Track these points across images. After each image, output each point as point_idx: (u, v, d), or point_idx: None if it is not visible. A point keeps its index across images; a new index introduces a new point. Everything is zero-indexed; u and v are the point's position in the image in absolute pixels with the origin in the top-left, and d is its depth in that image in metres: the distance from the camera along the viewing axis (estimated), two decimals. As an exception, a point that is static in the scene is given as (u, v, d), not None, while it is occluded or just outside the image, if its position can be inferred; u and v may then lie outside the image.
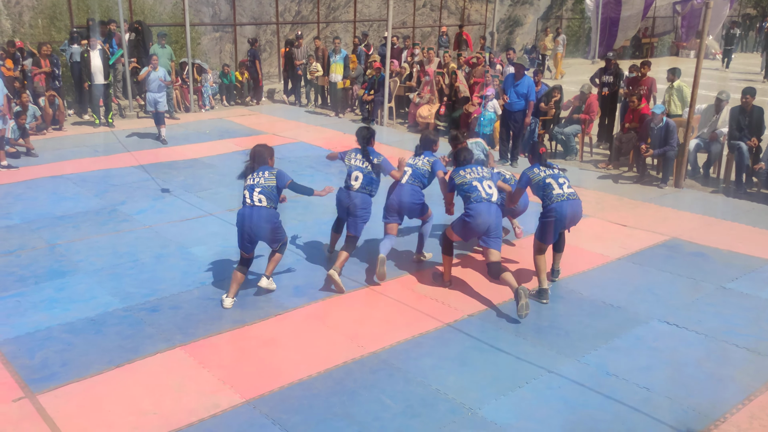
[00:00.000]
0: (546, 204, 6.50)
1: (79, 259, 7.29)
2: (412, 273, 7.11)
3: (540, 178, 6.55)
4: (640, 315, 6.21)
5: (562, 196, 6.43)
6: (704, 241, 8.03)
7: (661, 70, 12.19)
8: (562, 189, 6.49)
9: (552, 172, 6.60)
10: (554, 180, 6.52)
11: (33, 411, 4.68)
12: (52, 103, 13.65)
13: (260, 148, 6.60)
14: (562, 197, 6.43)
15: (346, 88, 16.31)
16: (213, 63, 25.09)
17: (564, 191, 6.48)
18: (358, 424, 4.58)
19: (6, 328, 5.79)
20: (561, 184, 6.53)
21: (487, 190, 6.43)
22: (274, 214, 6.35)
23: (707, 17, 9.85)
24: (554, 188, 6.47)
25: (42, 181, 10.20)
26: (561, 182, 6.54)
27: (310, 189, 6.59)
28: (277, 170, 6.46)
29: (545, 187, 6.51)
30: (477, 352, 5.53)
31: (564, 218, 6.45)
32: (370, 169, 6.81)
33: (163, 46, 14.88)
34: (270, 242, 6.40)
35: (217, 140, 13.17)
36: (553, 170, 6.64)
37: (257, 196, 6.32)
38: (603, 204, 9.37)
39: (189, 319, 6.00)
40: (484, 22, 26.51)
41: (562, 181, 6.56)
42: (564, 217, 6.44)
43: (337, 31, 26.31)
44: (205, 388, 4.97)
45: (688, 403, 4.88)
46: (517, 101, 11.21)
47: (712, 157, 10.68)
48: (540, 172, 6.59)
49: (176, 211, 8.93)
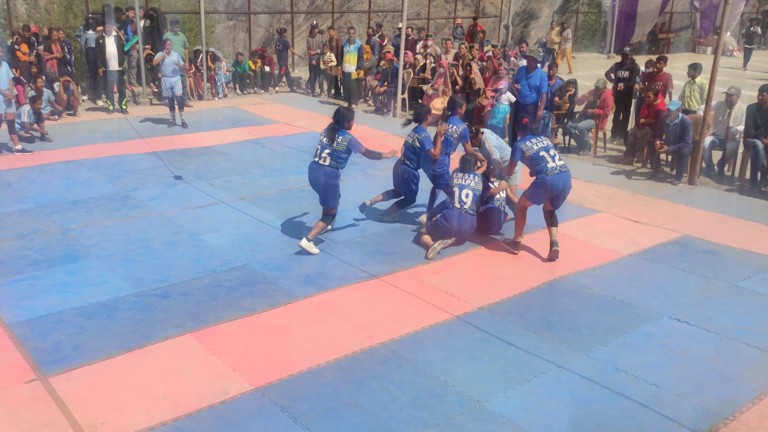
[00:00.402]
0: (540, 177, 6.89)
1: (92, 244, 7.34)
2: (422, 264, 7.11)
3: (533, 151, 6.93)
4: (650, 312, 6.18)
5: (555, 169, 6.87)
6: (717, 239, 7.97)
7: (678, 66, 12.11)
8: (554, 162, 6.88)
9: (543, 144, 6.97)
10: (546, 152, 6.88)
11: (44, 393, 4.72)
12: (67, 89, 13.71)
13: (343, 111, 7.21)
14: (555, 170, 6.86)
15: (360, 79, 16.28)
16: (226, 51, 25.08)
17: (557, 164, 6.89)
18: (366, 413, 4.60)
19: (19, 310, 5.84)
20: (553, 156, 6.91)
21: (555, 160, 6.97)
22: (332, 174, 7.10)
23: (726, 13, 9.75)
24: (548, 161, 6.85)
25: (56, 165, 10.26)
26: (552, 154, 6.92)
27: (379, 153, 7.41)
28: (350, 138, 7.15)
29: (539, 160, 6.88)
30: (486, 345, 5.53)
31: (557, 190, 6.89)
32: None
33: (176, 33, 14.88)
34: (321, 200, 7.19)
35: (230, 128, 13.19)
36: (543, 142, 7.00)
37: (324, 154, 7.13)
38: (616, 200, 9.32)
39: (200, 306, 6.03)
40: (499, 15, 26.36)
41: (553, 153, 6.94)
42: (557, 189, 6.89)
43: (352, 21, 26.23)
44: (214, 375, 5.00)
45: (697, 401, 4.86)
46: (530, 94, 11.18)
47: (727, 154, 10.59)
48: (532, 144, 6.96)
49: (188, 198, 8.96)
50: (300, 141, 12.27)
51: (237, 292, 6.32)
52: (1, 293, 6.15)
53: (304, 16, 27.62)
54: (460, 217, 7.39)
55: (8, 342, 5.35)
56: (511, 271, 7.01)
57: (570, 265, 7.16)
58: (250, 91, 17.44)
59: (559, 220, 7.42)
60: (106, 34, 13.72)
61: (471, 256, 7.39)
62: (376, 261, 7.11)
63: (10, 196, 8.81)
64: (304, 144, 12.04)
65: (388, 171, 10.28)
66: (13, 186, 9.22)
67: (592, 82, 12.77)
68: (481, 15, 26.62)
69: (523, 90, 11.23)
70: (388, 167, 10.53)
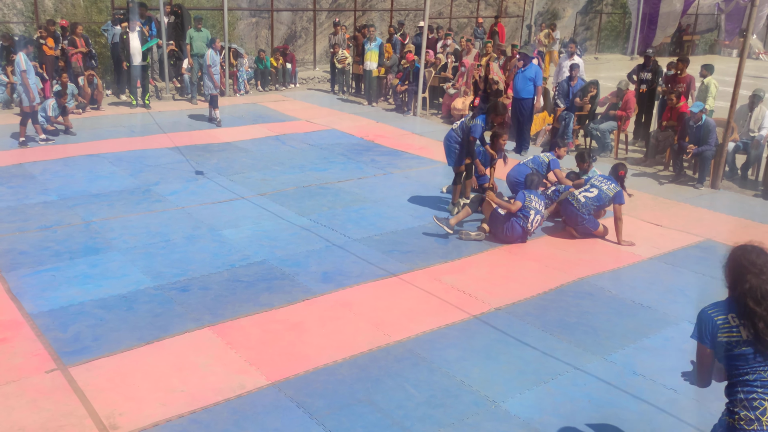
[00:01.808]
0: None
1: (113, 236, 7.42)
2: (440, 263, 7.10)
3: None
4: (670, 316, 6.13)
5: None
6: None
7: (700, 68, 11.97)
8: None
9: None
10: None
11: (64, 383, 4.79)
12: (91, 83, 13.87)
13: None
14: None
15: (381, 77, 16.27)
16: (249, 48, 25.22)
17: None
18: (381, 411, 4.61)
19: (41, 301, 5.93)
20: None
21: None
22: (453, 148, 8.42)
23: (752, 16, 9.63)
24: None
25: (79, 159, 10.38)
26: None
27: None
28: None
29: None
30: (503, 346, 5.51)
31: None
32: None
33: (199, 29, 15.00)
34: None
35: (251, 125, 13.26)
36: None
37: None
38: (637, 203, 9.24)
39: (218, 300, 6.07)
40: (522, 15, 26.23)
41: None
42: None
43: (373, 19, 26.26)
44: (231, 369, 5.04)
45: (715, 407, 4.78)
46: (524, 88, 11.21)
47: (751, 158, 10.46)
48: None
49: (209, 193, 9.03)
50: (320, 138, 12.30)
51: (255, 288, 6.36)
52: (24, 284, 6.25)
53: (327, 14, 27.68)
54: (523, 236, 7.68)
55: (30, 332, 5.43)
56: (529, 272, 6.98)
57: (589, 267, 7.11)
58: (271, 87, 17.52)
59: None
60: (130, 30, 13.85)
61: (489, 256, 7.37)
62: (394, 259, 7.11)
63: (34, 188, 8.93)
64: (324, 141, 12.08)
65: (406, 170, 10.29)
66: (36, 178, 9.35)
67: (614, 83, 12.68)
68: (504, 15, 26.51)
69: (517, 84, 11.25)
70: (407, 166, 10.54)
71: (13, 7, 22.38)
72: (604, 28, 29.34)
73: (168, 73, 15.61)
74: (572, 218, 7.85)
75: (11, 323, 5.56)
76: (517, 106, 11.52)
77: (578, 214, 7.74)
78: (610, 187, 7.77)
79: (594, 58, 25.19)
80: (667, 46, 25.91)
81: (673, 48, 26.31)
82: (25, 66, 10.62)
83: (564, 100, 12.15)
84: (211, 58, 13.11)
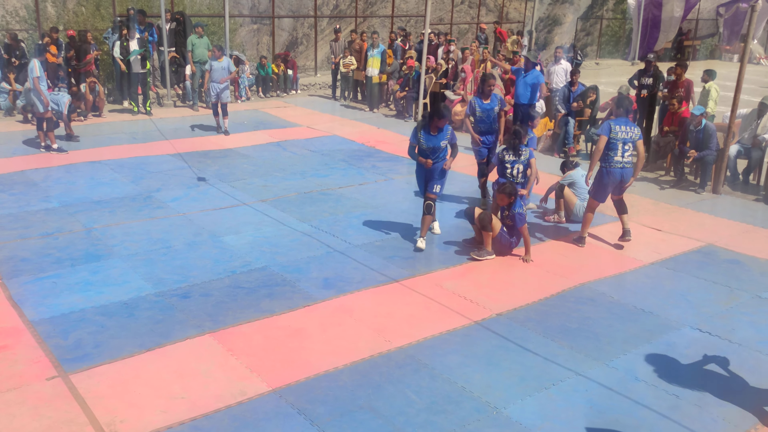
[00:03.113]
0: (603, 165, 7.41)
1: (115, 243, 7.43)
2: (441, 269, 7.10)
3: (618, 137, 7.32)
4: (671, 321, 6.11)
5: (619, 164, 7.37)
6: (741, 249, 7.87)
7: (701, 73, 11.99)
8: (623, 156, 7.34)
9: (626, 137, 7.34)
10: (622, 144, 7.32)
11: (65, 390, 4.79)
12: (93, 90, 13.90)
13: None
14: (620, 164, 7.37)
15: (382, 83, 16.30)
16: (250, 54, 25.29)
17: (623, 159, 7.37)
18: (382, 417, 4.60)
19: (42, 308, 5.93)
20: (625, 151, 7.32)
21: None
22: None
23: (753, 21, 9.64)
24: (618, 152, 7.32)
25: (80, 165, 10.40)
26: (626, 149, 7.33)
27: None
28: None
29: (612, 148, 7.32)
30: (504, 352, 5.50)
31: (616, 182, 7.48)
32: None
33: (200, 36, 15.04)
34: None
35: (252, 131, 13.28)
36: (631, 133, 7.39)
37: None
38: (638, 208, 9.23)
39: (219, 307, 6.07)
40: (523, 21, 26.29)
41: (627, 147, 7.34)
42: (616, 181, 7.47)
43: (375, 25, 26.32)
44: (232, 375, 5.03)
45: (718, 413, 4.80)
46: (524, 94, 11.22)
47: (752, 163, 10.46)
48: (619, 131, 7.35)
49: (210, 199, 9.04)
50: (321, 144, 12.32)
51: (256, 294, 6.36)
52: (25, 291, 6.25)
53: (328, 20, 27.76)
54: (511, 233, 7.50)
55: (31, 339, 5.43)
56: (530, 278, 6.97)
57: (590, 272, 7.10)
58: (272, 94, 17.56)
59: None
60: (130, 38, 13.91)
61: (490, 262, 7.36)
62: (395, 265, 7.11)
63: (35, 195, 8.95)
64: (325, 147, 12.09)
65: (408, 175, 10.29)
66: (38, 185, 9.37)
67: (615, 88, 12.69)
68: (505, 20, 26.55)
69: (518, 89, 11.25)
70: (408, 172, 10.54)
71: (15, 14, 22.48)
72: (604, 33, 29.41)
73: (169, 80, 15.64)
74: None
75: (12, 330, 5.57)
76: (517, 111, 11.53)
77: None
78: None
79: (595, 64, 25.23)
80: (668, 51, 25.94)
81: (674, 53, 26.35)
82: (38, 72, 10.71)
83: (564, 106, 12.16)
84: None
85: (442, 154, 7.50)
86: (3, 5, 22.59)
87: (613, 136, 7.34)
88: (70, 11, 21.10)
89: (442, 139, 7.42)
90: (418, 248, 7.49)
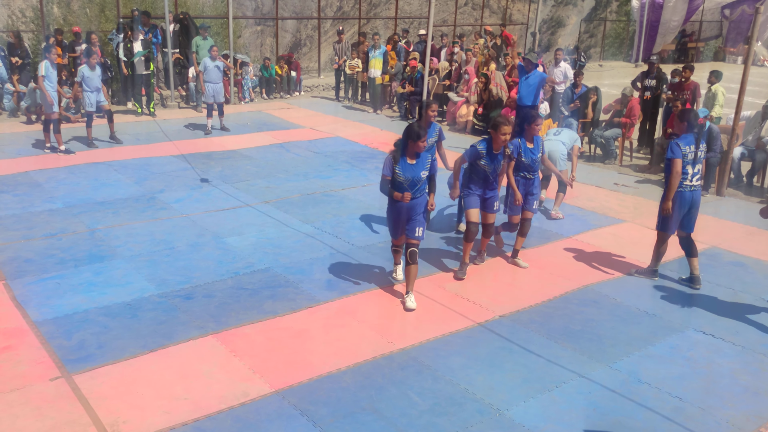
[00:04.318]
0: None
1: (118, 244, 7.44)
2: (443, 271, 7.09)
3: (687, 159, 6.54)
4: (675, 323, 6.10)
5: (690, 187, 6.61)
6: (745, 251, 7.85)
7: (707, 75, 11.96)
8: (692, 180, 6.60)
9: (694, 158, 6.57)
10: (692, 167, 6.57)
11: (68, 390, 4.79)
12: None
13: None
14: (690, 188, 6.61)
15: (385, 85, 16.31)
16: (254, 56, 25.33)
17: (692, 182, 6.61)
18: (384, 419, 4.59)
19: (45, 309, 5.94)
20: (695, 174, 6.59)
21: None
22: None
23: (757, 23, 9.63)
24: (687, 175, 6.56)
25: (84, 167, 10.42)
26: (695, 171, 6.59)
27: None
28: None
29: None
30: (507, 353, 5.50)
31: (685, 209, 6.66)
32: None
33: (205, 38, 15.06)
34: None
35: (255, 132, 13.29)
36: (698, 151, 6.59)
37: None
38: (642, 209, 9.22)
39: (222, 308, 6.08)
40: (527, 22, 26.28)
41: (698, 170, 6.60)
42: (686, 207, 6.66)
43: (378, 27, 26.34)
44: (235, 377, 5.03)
45: (722, 415, 4.78)
46: (527, 95, 11.20)
47: (756, 165, 10.43)
48: (688, 152, 6.54)
49: (213, 201, 9.05)
50: (324, 146, 12.33)
51: (259, 295, 6.36)
52: (29, 291, 6.26)
53: (331, 22, 27.78)
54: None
55: (34, 339, 5.44)
56: (534, 280, 6.96)
57: (593, 274, 7.09)
58: (276, 95, 17.57)
59: (585, 228, 7.17)
60: (134, 39, 13.94)
61: (493, 264, 7.36)
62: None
63: (39, 196, 8.97)
64: (328, 148, 12.10)
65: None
66: (42, 186, 9.39)
67: (618, 90, 12.67)
68: (509, 22, 26.56)
69: (520, 90, 11.22)
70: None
71: (22, 15, 22.54)
72: (608, 35, 29.40)
73: (173, 82, 15.67)
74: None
75: (16, 331, 5.58)
76: (520, 113, 11.53)
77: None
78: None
79: (598, 65, 25.23)
80: (671, 53, 25.91)
81: (677, 55, 26.31)
82: (44, 72, 10.74)
83: (568, 108, 12.16)
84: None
85: (423, 186, 6.21)
86: (9, 5, 22.65)
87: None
88: (75, 12, 21.15)
89: (422, 168, 6.10)
90: (408, 308, 6.17)
